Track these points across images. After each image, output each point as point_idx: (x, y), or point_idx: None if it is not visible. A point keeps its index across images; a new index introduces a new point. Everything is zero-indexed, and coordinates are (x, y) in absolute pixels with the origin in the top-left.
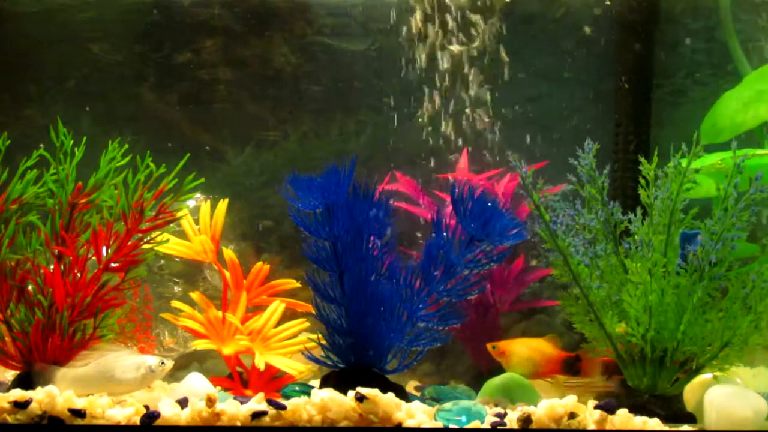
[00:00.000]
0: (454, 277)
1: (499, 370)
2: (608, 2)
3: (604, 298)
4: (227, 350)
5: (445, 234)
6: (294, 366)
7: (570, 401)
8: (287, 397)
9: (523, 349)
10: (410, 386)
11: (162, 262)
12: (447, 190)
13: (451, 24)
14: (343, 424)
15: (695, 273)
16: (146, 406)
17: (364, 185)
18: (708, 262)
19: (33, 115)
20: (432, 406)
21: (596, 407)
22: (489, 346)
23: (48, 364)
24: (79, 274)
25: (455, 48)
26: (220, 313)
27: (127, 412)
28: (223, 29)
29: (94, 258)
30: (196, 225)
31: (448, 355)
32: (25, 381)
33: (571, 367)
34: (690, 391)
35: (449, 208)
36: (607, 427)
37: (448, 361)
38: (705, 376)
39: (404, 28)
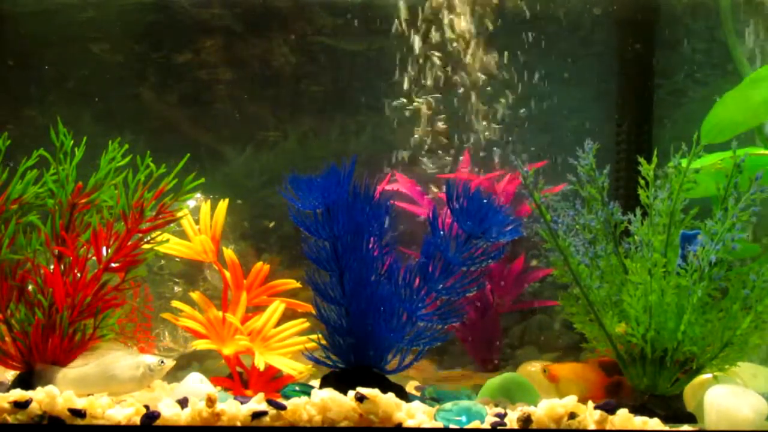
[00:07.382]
0: (452, 276)
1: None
2: None
3: (604, 298)
4: (227, 350)
5: (442, 232)
6: (294, 366)
7: (570, 401)
8: (287, 397)
9: (572, 376)
10: (410, 386)
11: (162, 262)
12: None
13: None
14: (343, 424)
15: (695, 273)
16: (146, 406)
17: (364, 185)
18: (708, 263)
19: (33, 115)
20: (432, 406)
21: (596, 407)
22: (542, 369)
23: (48, 364)
24: (79, 274)
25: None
26: (220, 313)
27: (127, 412)
28: (223, 29)
29: (94, 258)
30: (196, 225)
31: (448, 355)
32: (25, 381)
33: (614, 391)
34: (690, 391)
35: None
36: (607, 427)
37: (448, 361)
38: (705, 376)
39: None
